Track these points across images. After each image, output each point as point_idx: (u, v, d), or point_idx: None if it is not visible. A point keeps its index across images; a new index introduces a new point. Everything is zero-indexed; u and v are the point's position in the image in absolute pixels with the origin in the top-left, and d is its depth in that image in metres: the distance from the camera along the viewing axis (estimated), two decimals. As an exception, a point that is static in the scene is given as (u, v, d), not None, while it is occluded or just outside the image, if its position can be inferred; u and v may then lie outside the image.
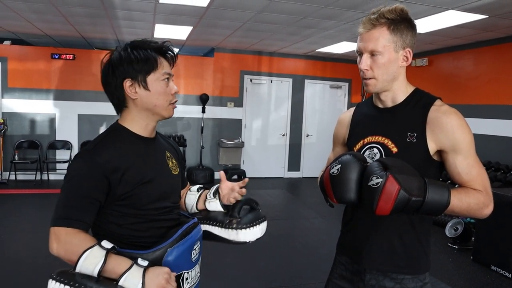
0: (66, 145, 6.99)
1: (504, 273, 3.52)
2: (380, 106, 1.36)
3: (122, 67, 1.21)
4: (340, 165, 1.25)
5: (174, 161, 1.37)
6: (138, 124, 1.27)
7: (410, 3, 3.94)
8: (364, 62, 1.26)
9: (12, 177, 6.71)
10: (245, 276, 3.33)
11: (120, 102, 1.27)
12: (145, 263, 1.08)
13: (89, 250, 1.05)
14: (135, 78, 1.21)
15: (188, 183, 1.57)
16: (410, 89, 1.33)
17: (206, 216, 1.40)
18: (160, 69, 1.23)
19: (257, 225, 1.36)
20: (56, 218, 1.10)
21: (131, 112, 1.26)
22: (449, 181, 3.00)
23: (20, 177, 6.78)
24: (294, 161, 8.18)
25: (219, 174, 1.42)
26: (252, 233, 1.34)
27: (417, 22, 1.29)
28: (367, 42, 1.24)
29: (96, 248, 1.05)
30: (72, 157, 6.89)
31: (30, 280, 3.12)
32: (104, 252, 1.05)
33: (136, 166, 1.19)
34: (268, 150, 8.03)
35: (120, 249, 1.12)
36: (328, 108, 8.32)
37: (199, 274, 1.32)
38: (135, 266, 1.06)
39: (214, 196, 1.40)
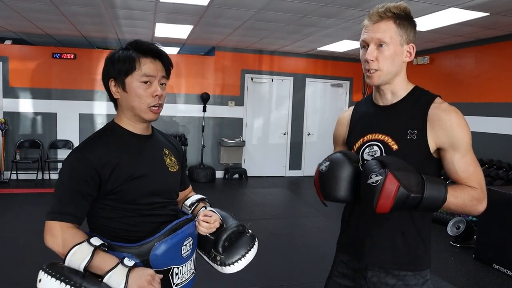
0: (67, 144, 7.00)
1: (506, 271, 3.52)
2: (380, 103, 1.37)
3: (107, 67, 1.25)
4: (329, 162, 1.27)
5: (173, 158, 1.37)
6: (127, 122, 1.28)
7: (412, 1, 3.93)
8: (371, 53, 1.26)
9: (14, 176, 6.72)
10: (245, 275, 3.32)
11: (112, 101, 1.30)
12: (131, 263, 1.10)
13: (77, 246, 1.09)
14: (116, 79, 1.23)
15: (190, 187, 1.55)
16: (410, 86, 1.34)
17: (199, 238, 1.37)
18: (139, 70, 1.21)
19: (242, 259, 1.32)
20: (50, 212, 1.16)
21: (120, 111, 1.30)
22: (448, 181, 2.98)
23: (22, 176, 6.79)
24: (295, 160, 8.18)
25: (198, 214, 1.32)
26: (237, 268, 1.32)
27: (419, 20, 1.30)
28: (375, 32, 1.25)
29: (85, 244, 1.10)
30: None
31: (31, 279, 3.12)
32: (92, 248, 1.09)
33: (127, 162, 1.21)
34: (269, 149, 8.02)
35: (110, 242, 1.17)
36: (329, 107, 8.31)
37: (193, 270, 1.32)
38: (120, 265, 1.08)
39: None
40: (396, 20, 1.25)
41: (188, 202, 1.43)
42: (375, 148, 1.31)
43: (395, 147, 1.28)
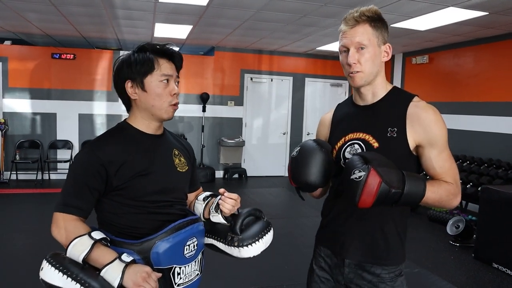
0: (67, 144, 7.00)
1: (506, 270, 3.52)
2: (361, 103, 1.41)
3: (123, 69, 1.30)
4: (299, 148, 1.36)
5: (182, 159, 1.40)
6: (141, 122, 1.33)
7: (411, 0, 3.94)
8: (352, 56, 1.30)
9: (13, 176, 6.72)
10: (245, 274, 3.33)
11: (126, 102, 1.35)
12: (129, 259, 1.12)
13: (78, 238, 1.14)
14: (134, 80, 1.28)
15: (201, 188, 1.57)
16: (389, 86, 1.39)
17: (212, 229, 1.39)
18: (158, 70, 1.27)
19: (259, 240, 1.33)
20: (58, 204, 1.21)
21: (134, 111, 1.34)
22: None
23: (21, 176, 6.79)
24: (295, 160, 8.16)
25: (219, 191, 1.36)
26: (255, 249, 1.33)
27: (418, 20, 1.32)
28: (354, 36, 1.30)
29: (86, 237, 1.14)
30: (73, 156, 6.95)
31: (31, 280, 3.12)
32: (92, 241, 1.13)
33: (134, 160, 1.25)
34: (269, 148, 8.03)
35: (114, 237, 1.21)
36: (328, 106, 8.29)
37: (197, 272, 1.32)
38: (117, 260, 1.11)
39: (216, 211, 1.36)
40: (371, 22, 1.30)
41: (201, 197, 1.46)
42: (356, 146, 1.35)
43: (375, 145, 1.31)
